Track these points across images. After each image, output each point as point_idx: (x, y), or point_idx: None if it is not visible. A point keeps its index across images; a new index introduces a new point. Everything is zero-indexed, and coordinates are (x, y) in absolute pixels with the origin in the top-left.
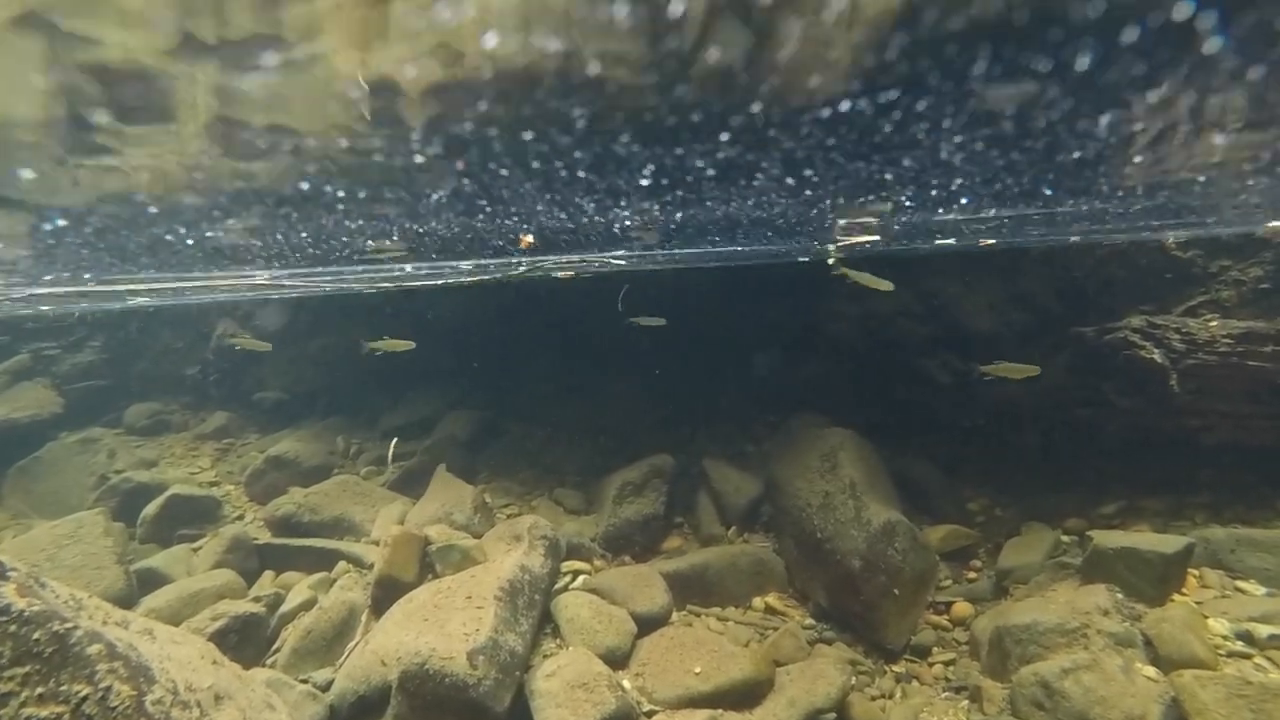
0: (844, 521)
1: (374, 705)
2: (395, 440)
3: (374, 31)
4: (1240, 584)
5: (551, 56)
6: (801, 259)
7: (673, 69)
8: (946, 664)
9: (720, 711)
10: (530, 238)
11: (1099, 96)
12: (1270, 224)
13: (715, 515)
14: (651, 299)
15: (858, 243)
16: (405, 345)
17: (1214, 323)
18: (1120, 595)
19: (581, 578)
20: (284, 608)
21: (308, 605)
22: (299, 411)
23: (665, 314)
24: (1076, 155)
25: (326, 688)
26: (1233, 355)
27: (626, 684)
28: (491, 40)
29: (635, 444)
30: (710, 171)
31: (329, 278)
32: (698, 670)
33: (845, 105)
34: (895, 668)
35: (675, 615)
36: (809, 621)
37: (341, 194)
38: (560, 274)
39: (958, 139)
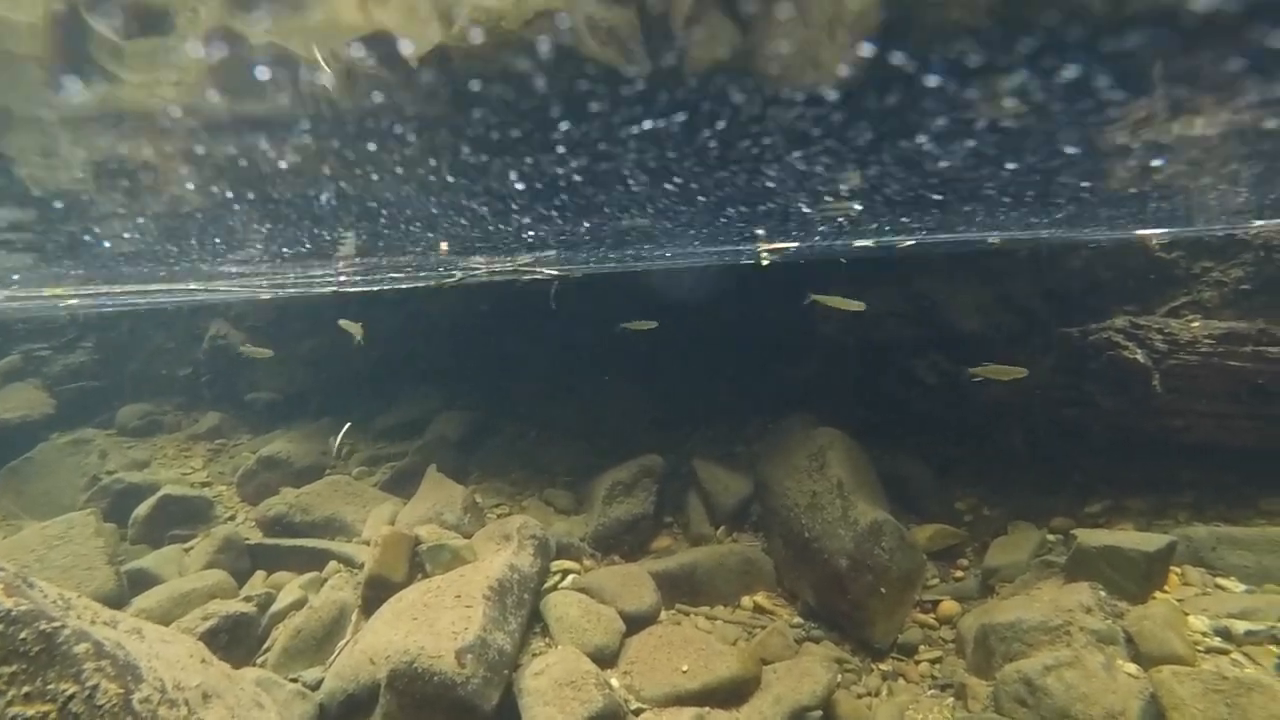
0: (831, 521)
1: (363, 704)
2: (348, 425)
3: None
4: (1221, 581)
5: None
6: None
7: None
8: (933, 662)
9: (707, 709)
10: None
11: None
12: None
13: (705, 515)
14: (643, 299)
15: (781, 248)
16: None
17: (1196, 323)
18: (1103, 593)
19: (571, 577)
20: (275, 607)
21: (298, 605)
22: (291, 412)
23: (657, 314)
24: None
25: (316, 686)
26: (1214, 355)
27: (614, 682)
28: None
29: (628, 444)
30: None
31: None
32: (685, 668)
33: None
34: (882, 666)
35: (664, 614)
36: (797, 620)
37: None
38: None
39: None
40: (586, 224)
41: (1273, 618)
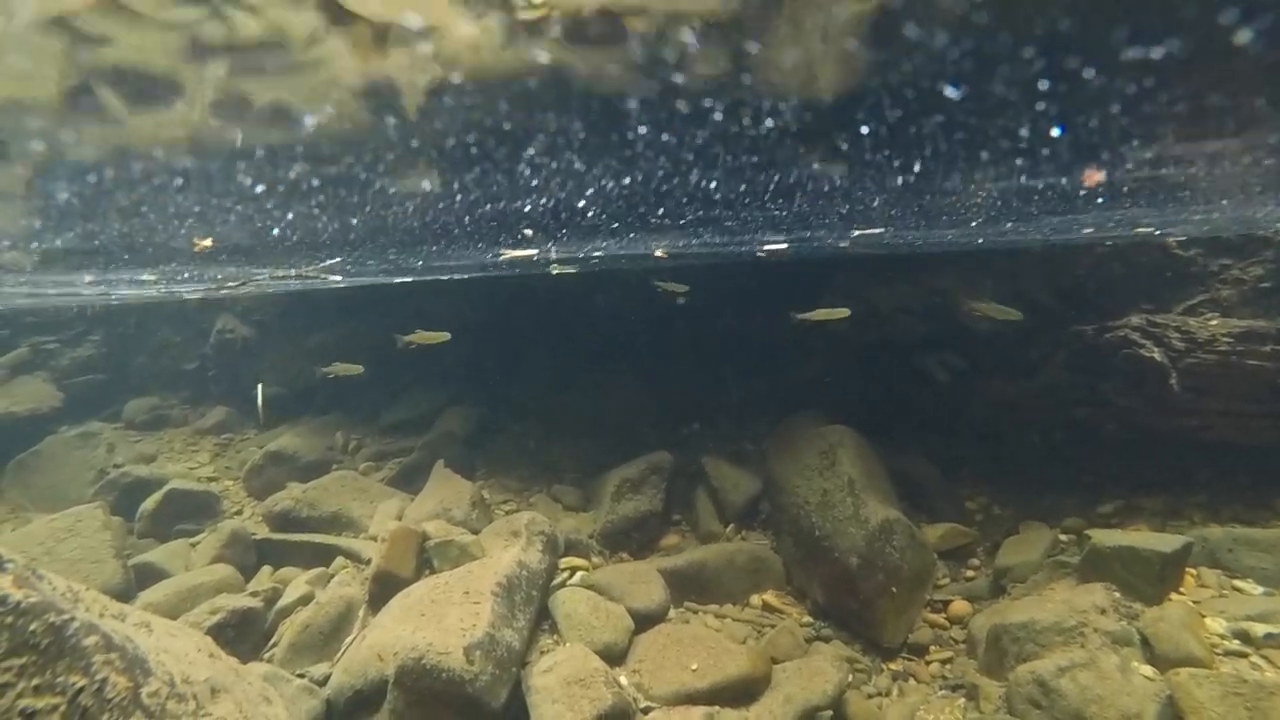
0: (842, 519)
1: (370, 700)
2: (260, 386)
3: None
4: (1238, 583)
5: None
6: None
7: None
8: (944, 662)
9: (717, 708)
10: (206, 241)
11: None
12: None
13: (714, 512)
14: (649, 295)
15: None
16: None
17: (1214, 321)
18: (1118, 594)
19: (579, 574)
20: (281, 602)
21: (305, 600)
22: (298, 407)
23: (664, 312)
24: None
25: (323, 682)
26: (1232, 354)
27: (623, 680)
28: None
29: (636, 441)
30: None
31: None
32: (694, 667)
33: None
34: (892, 666)
35: (673, 612)
36: (807, 619)
37: None
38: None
39: None
40: None
41: None
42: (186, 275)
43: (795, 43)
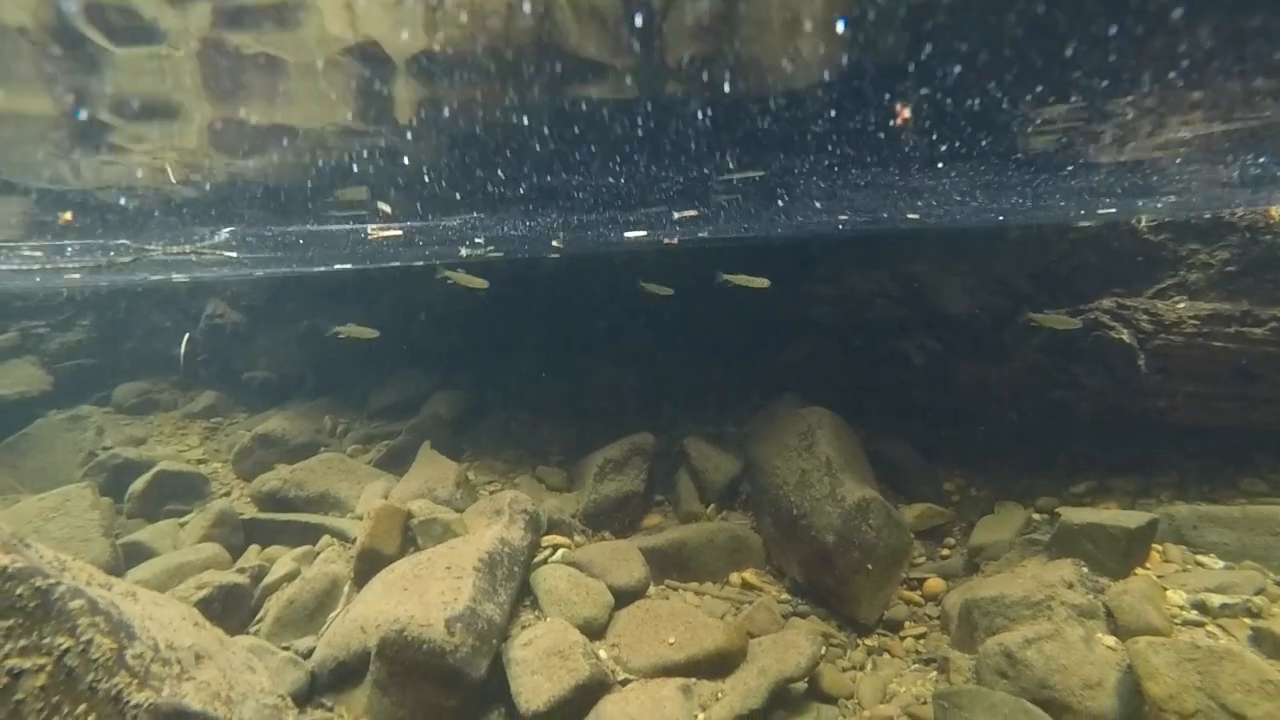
0: (819, 498)
1: (354, 671)
2: (187, 335)
3: None
4: (1200, 558)
5: None
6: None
7: None
8: (918, 638)
9: (692, 680)
10: (68, 215)
11: None
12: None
13: (695, 493)
14: (635, 282)
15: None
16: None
17: (1181, 304)
18: (1085, 569)
19: (561, 551)
20: (268, 579)
21: (291, 577)
22: (287, 391)
23: (649, 298)
24: None
25: (308, 655)
26: (1198, 336)
27: (602, 653)
28: None
29: (620, 424)
30: None
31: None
32: (672, 640)
33: None
34: (867, 641)
35: (653, 589)
36: (785, 596)
37: None
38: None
39: None
40: None
41: (1248, 592)
42: (70, 250)
43: None
